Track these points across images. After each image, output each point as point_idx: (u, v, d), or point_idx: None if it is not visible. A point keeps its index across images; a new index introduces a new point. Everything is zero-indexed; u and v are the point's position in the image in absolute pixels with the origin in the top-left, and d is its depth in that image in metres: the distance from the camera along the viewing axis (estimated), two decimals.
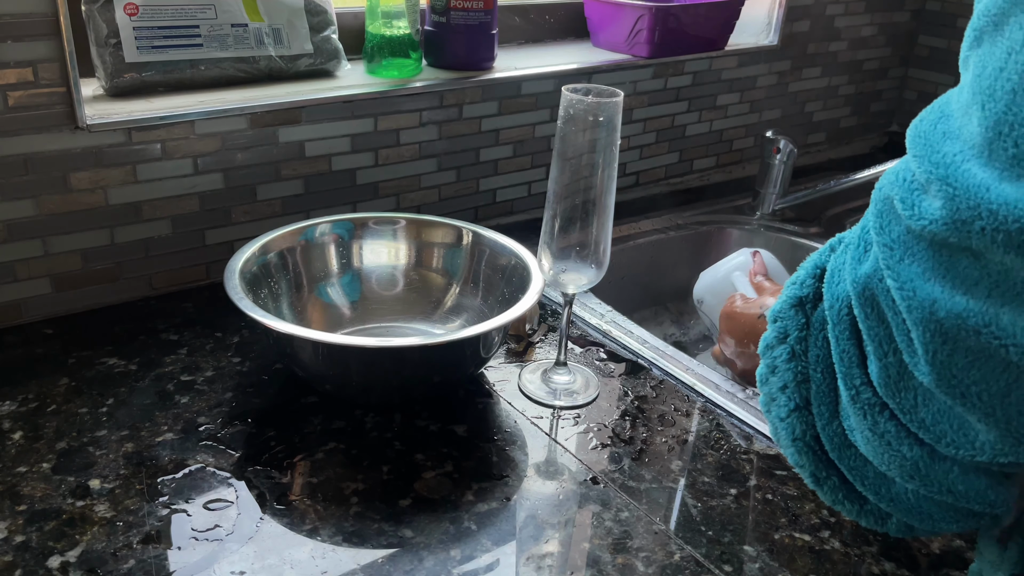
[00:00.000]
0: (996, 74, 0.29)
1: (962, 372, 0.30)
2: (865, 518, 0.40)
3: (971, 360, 0.30)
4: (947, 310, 0.30)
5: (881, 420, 0.35)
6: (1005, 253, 0.28)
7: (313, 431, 0.69)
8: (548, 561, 0.58)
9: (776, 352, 0.40)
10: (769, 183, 1.21)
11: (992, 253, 0.28)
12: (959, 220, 0.28)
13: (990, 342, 0.29)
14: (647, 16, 1.11)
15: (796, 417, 0.39)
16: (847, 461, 0.38)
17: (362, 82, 0.97)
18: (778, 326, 0.40)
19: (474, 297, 0.85)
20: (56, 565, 0.55)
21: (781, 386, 0.40)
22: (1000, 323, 0.28)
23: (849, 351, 0.36)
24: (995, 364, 0.29)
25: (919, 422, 0.33)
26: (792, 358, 0.39)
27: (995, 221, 0.27)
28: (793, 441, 0.40)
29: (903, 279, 0.31)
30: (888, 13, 1.46)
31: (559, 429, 0.72)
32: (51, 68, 0.76)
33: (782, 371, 0.40)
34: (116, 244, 0.85)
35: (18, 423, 0.68)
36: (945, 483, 0.34)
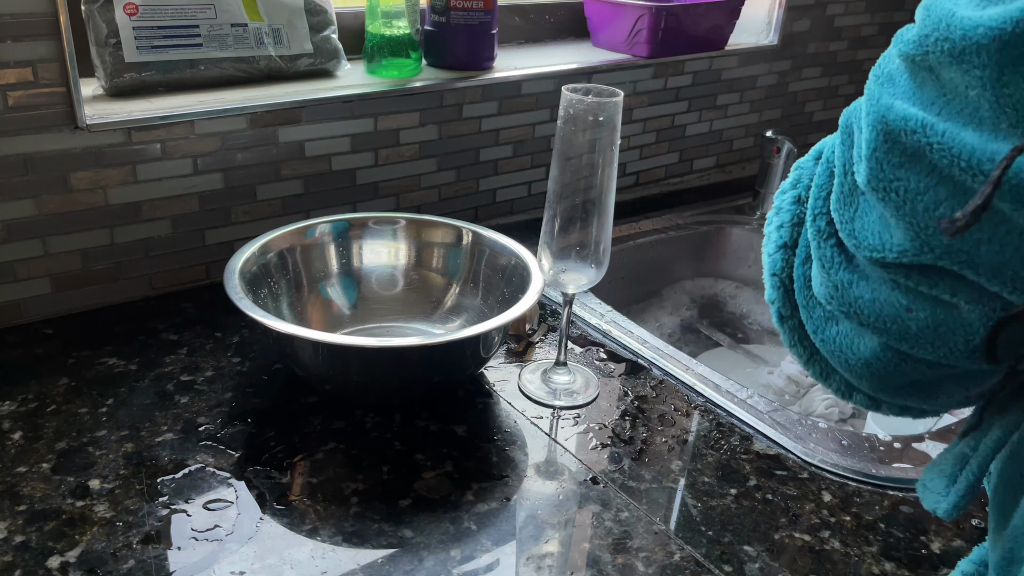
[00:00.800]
0: None
1: (894, 168, 0.34)
2: (812, 367, 0.43)
3: (902, 160, 0.34)
4: (897, 114, 0.34)
5: (825, 246, 0.39)
6: (950, 65, 0.31)
7: (313, 431, 0.69)
8: (548, 561, 0.58)
9: (785, 195, 0.44)
10: (769, 183, 1.21)
11: (943, 69, 0.32)
12: (922, 35, 0.33)
13: (919, 141, 0.33)
14: (647, 16, 1.11)
15: (780, 254, 0.43)
16: (804, 299, 0.42)
17: (362, 82, 0.97)
18: (795, 173, 0.44)
19: (474, 297, 0.85)
20: (56, 565, 0.55)
21: (778, 224, 0.43)
22: (936, 129, 0.32)
23: (823, 184, 0.40)
24: (922, 165, 0.33)
25: (850, 231, 0.37)
26: (796, 202, 0.43)
27: (947, 32, 0.31)
28: (772, 275, 0.43)
29: (875, 95, 0.35)
30: (888, 13, 1.46)
31: (559, 429, 0.72)
32: (51, 68, 0.76)
33: (784, 211, 0.43)
34: (116, 244, 0.85)
35: (18, 423, 0.68)
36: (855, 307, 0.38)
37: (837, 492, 0.66)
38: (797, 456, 0.70)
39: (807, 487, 0.67)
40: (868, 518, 0.64)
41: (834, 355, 0.42)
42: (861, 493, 0.66)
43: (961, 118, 0.32)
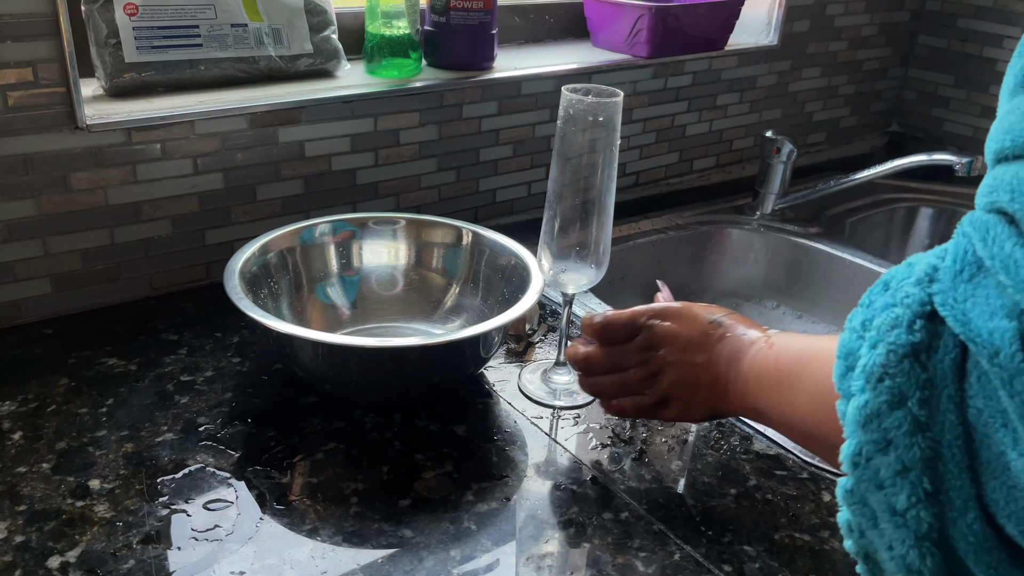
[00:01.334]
0: None
1: None
2: None
3: None
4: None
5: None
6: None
7: (313, 431, 0.69)
8: (548, 561, 0.58)
9: (888, 423, 0.30)
10: (769, 183, 1.21)
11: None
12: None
13: None
14: (647, 16, 1.11)
15: (923, 508, 0.30)
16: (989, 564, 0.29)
17: (362, 82, 0.97)
18: (887, 385, 0.30)
19: (474, 297, 0.85)
20: (56, 565, 0.55)
21: (899, 469, 0.30)
22: None
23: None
24: None
25: None
26: (917, 429, 0.30)
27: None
28: (918, 540, 0.30)
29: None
30: (888, 13, 1.46)
31: (559, 429, 0.72)
32: (51, 68, 0.76)
33: (901, 448, 0.30)
34: (116, 244, 0.85)
35: (18, 423, 0.68)
36: None
37: None
38: (797, 456, 0.70)
39: (807, 487, 0.67)
40: None
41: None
42: None
43: None
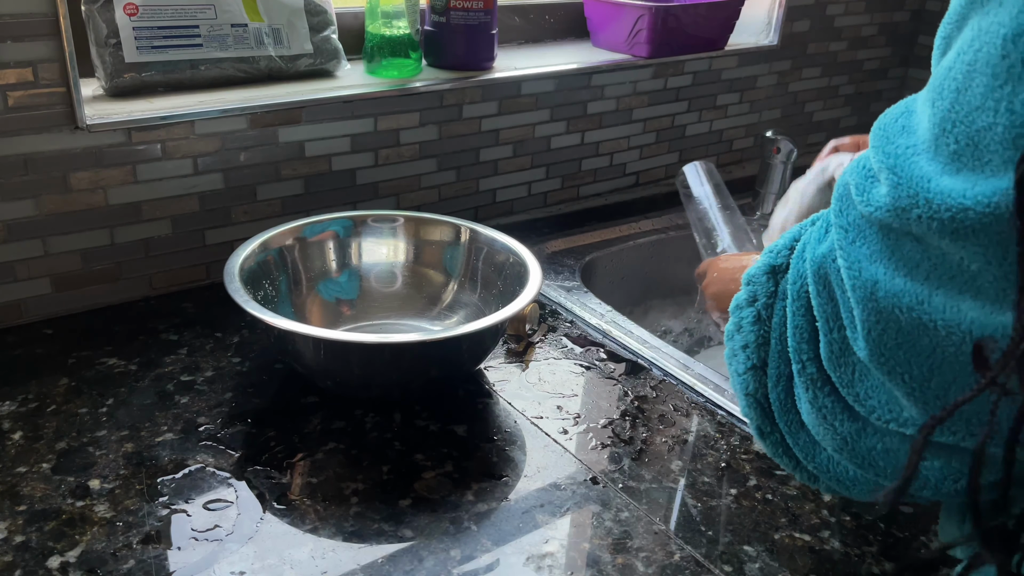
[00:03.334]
0: (945, 74, 0.31)
1: (892, 350, 0.32)
2: (799, 474, 0.43)
3: (901, 340, 0.32)
4: (886, 290, 0.32)
5: (821, 395, 0.37)
6: (940, 239, 0.29)
7: (313, 431, 0.69)
8: (548, 561, 0.58)
9: (744, 313, 0.42)
10: (769, 183, 1.20)
11: (931, 238, 0.30)
12: (900, 207, 0.31)
13: (920, 319, 0.31)
14: (647, 16, 1.11)
15: (751, 375, 0.42)
16: (787, 423, 0.41)
17: (362, 82, 0.97)
18: (749, 289, 0.43)
19: (472, 294, 0.86)
20: (56, 565, 0.55)
21: (743, 344, 0.42)
22: (932, 302, 0.30)
23: (801, 326, 0.38)
24: (923, 345, 0.31)
25: (855, 395, 0.36)
26: (756, 321, 0.42)
27: (930, 210, 0.29)
28: (746, 395, 0.43)
29: (852, 260, 0.33)
30: (888, 13, 1.46)
31: (559, 429, 0.72)
32: (51, 68, 0.76)
33: (746, 331, 0.42)
34: (116, 244, 0.85)
35: (18, 423, 0.68)
36: (868, 458, 0.36)
37: None
38: None
39: (807, 487, 0.67)
40: (868, 518, 0.64)
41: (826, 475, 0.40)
42: None
43: (955, 284, 0.30)
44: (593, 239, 1.10)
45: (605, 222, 1.15)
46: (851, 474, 0.39)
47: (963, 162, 0.29)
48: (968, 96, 0.29)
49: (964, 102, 0.29)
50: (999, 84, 0.28)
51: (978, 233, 0.28)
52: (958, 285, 0.30)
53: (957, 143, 0.29)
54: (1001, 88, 0.28)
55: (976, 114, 0.29)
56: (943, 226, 0.29)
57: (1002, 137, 0.28)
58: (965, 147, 0.29)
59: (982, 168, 0.28)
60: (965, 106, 0.29)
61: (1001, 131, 0.28)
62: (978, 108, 0.29)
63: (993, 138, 0.28)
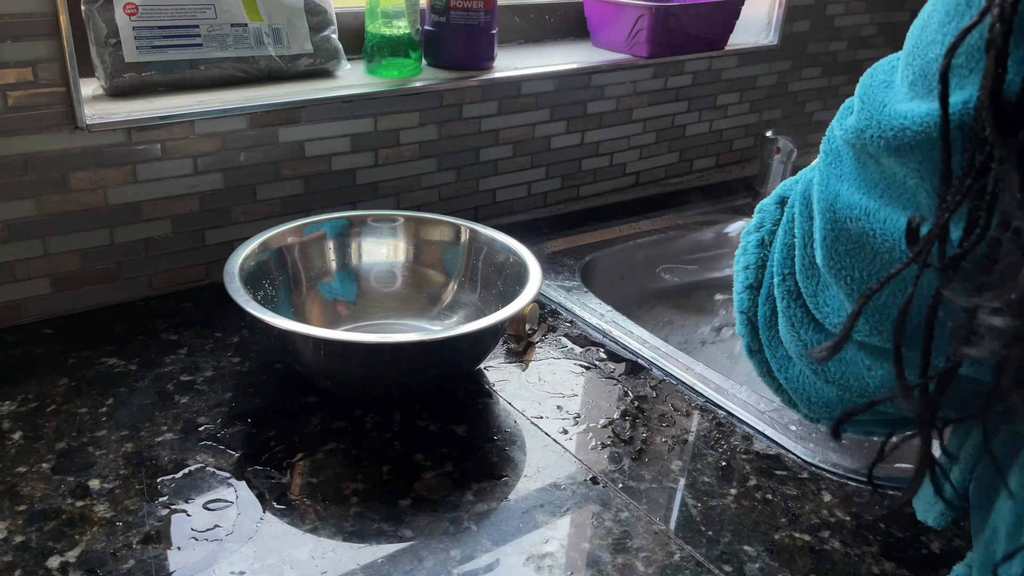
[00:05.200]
0: (920, 15, 0.34)
1: (840, 257, 0.36)
2: (780, 395, 0.46)
3: (849, 247, 0.36)
4: (843, 203, 0.36)
5: (794, 305, 0.41)
6: (888, 157, 0.33)
7: (313, 431, 0.69)
8: (548, 561, 0.58)
9: (750, 237, 0.46)
10: (769, 183, 1.21)
11: (882, 158, 0.34)
12: (859, 128, 0.34)
13: (864, 227, 0.35)
14: (647, 16, 1.11)
15: (747, 294, 0.45)
16: (768, 339, 0.44)
17: (362, 82, 0.97)
18: (759, 216, 0.46)
19: (472, 294, 0.86)
20: (56, 565, 0.55)
21: (744, 266, 0.46)
22: (878, 215, 0.34)
23: (788, 244, 0.42)
24: (866, 253, 0.35)
25: (816, 304, 0.40)
26: (760, 245, 0.45)
27: (879, 130, 0.33)
28: (740, 313, 0.46)
29: (824, 178, 0.37)
30: (888, 13, 1.46)
31: (559, 429, 0.72)
32: (51, 68, 0.76)
33: (749, 253, 0.45)
34: (116, 244, 0.85)
35: (18, 423, 0.68)
36: (823, 365, 0.40)
37: (837, 492, 0.66)
38: (797, 456, 0.70)
39: (807, 487, 0.67)
40: (868, 518, 0.64)
41: (796, 393, 0.44)
42: (861, 493, 0.66)
43: (901, 202, 0.34)
44: (593, 239, 1.10)
45: (605, 222, 1.15)
46: (816, 389, 0.42)
47: (916, 91, 0.32)
48: (926, 32, 0.32)
49: (922, 37, 0.33)
50: (948, 20, 0.31)
51: (914, 149, 0.32)
52: (902, 202, 0.34)
53: (914, 74, 0.33)
54: (949, 23, 0.31)
55: (928, 47, 0.32)
56: (888, 144, 0.32)
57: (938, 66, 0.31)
58: (919, 77, 0.32)
59: (928, 94, 0.32)
60: (923, 41, 0.32)
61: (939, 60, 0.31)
62: (931, 42, 0.32)
63: (937, 68, 0.31)
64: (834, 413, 0.43)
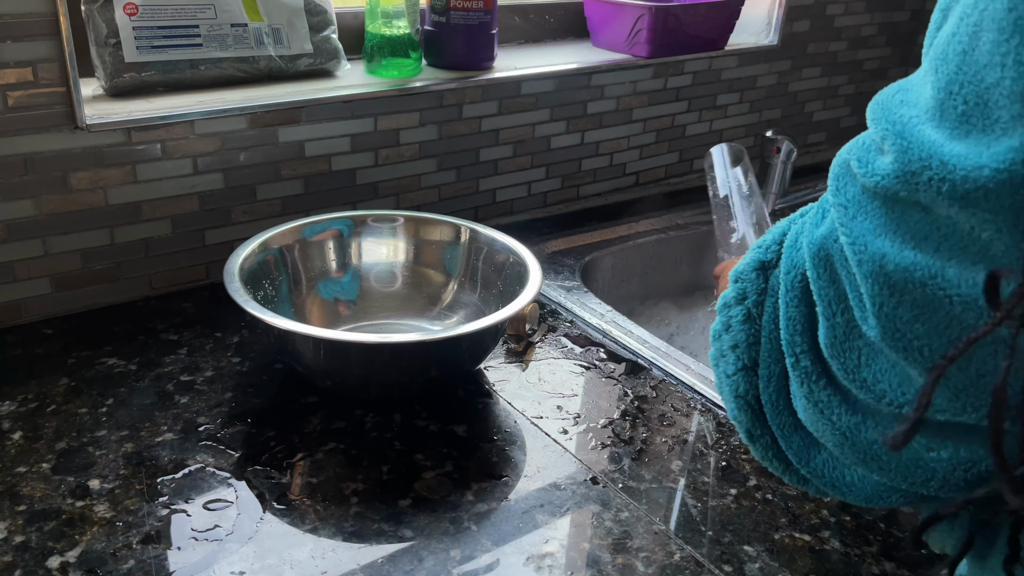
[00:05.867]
0: (948, 39, 0.30)
1: (907, 325, 0.31)
2: (789, 477, 0.42)
3: (916, 313, 0.31)
4: (895, 263, 0.31)
5: (816, 388, 0.36)
6: (950, 206, 0.29)
7: (313, 431, 0.69)
8: (548, 561, 0.58)
9: (732, 311, 0.42)
10: (769, 183, 1.21)
11: (939, 207, 0.29)
12: (909, 172, 0.30)
13: (935, 293, 0.30)
14: (647, 16, 1.11)
15: (742, 376, 0.41)
16: (779, 425, 0.40)
17: (362, 82, 0.97)
18: (738, 287, 0.42)
19: (472, 294, 0.86)
20: (56, 565, 0.55)
21: (732, 345, 0.41)
22: (946, 275, 0.30)
23: (795, 317, 0.38)
24: (939, 318, 0.30)
25: (860, 382, 0.34)
26: (747, 320, 0.41)
27: (943, 171, 0.28)
28: (735, 398, 0.42)
29: (855, 235, 0.32)
30: (888, 13, 1.46)
31: (559, 429, 0.72)
32: (51, 68, 0.76)
33: (735, 331, 0.41)
34: (116, 244, 0.85)
35: (18, 423, 0.68)
36: (870, 452, 0.35)
37: None
38: None
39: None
40: (868, 518, 0.64)
41: (827, 483, 0.40)
42: None
43: (967, 256, 0.29)
44: (593, 239, 1.10)
45: (605, 222, 1.15)
46: (848, 477, 0.38)
47: (972, 123, 0.28)
48: (975, 56, 0.29)
49: (971, 62, 0.29)
50: (1005, 38, 0.27)
51: (990, 196, 0.27)
52: (971, 256, 0.29)
53: (966, 103, 0.29)
54: (1008, 41, 0.27)
55: (984, 71, 0.28)
56: (954, 189, 0.28)
57: (1010, 91, 0.27)
58: (974, 107, 0.28)
59: (992, 127, 0.28)
60: (972, 65, 0.29)
61: (1009, 84, 0.27)
62: (986, 65, 0.28)
63: (1002, 93, 0.27)
64: (877, 500, 0.38)
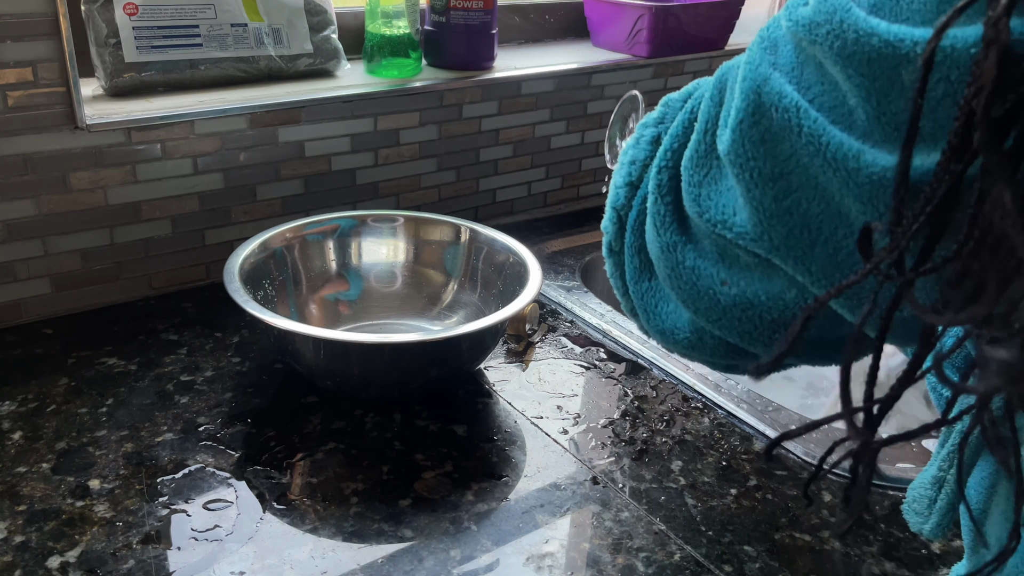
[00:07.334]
0: None
1: (755, 145, 0.33)
2: (625, 303, 0.45)
3: (765, 135, 0.32)
4: (772, 87, 0.32)
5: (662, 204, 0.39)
6: (834, 64, 0.29)
7: (313, 431, 0.69)
8: (548, 561, 0.58)
9: (647, 131, 0.43)
10: None
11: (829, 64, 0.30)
12: (815, 22, 0.30)
13: (790, 120, 0.31)
14: (647, 16, 1.11)
15: (625, 190, 0.42)
16: (631, 243, 0.42)
17: (362, 82, 0.97)
18: (661, 109, 0.43)
19: (472, 294, 0.86)
20: (56, 565, 0.55)
21: (631, 160, 0.43)
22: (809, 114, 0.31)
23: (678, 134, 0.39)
24: (784, 147, 0.32)
25: (695, 195, 0.36)
26: (654, 142, 0.42)
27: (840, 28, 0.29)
28: (612, 208, 0.43)
29: (755, 59, 0.33)
30: None
31: (559, 429, 0.72)
32: (51, 68, 0.76)
33: (641, 147, 0.42)
34: (116, 244, 0.85)
35: (18, 423, 0.68)
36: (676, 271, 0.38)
37: (837, 492, 0.66)
38: (797, 456, 0.70)
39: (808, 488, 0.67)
40: (868, 518, 0.64)
41: (641, 308, 0.42)
42: None
43: (832, 114, 0.30)
44: (593, 239, 1.10)
45: None
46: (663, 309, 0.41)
47: (881, 8, 0.29)
48: None
49: None
50: None
51: (872, 63, 0.28)
52: (834, 115, 0.30)
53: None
54: None
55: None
56: (844, 47, 0.29)
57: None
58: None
59: (897, 16, 0.28)
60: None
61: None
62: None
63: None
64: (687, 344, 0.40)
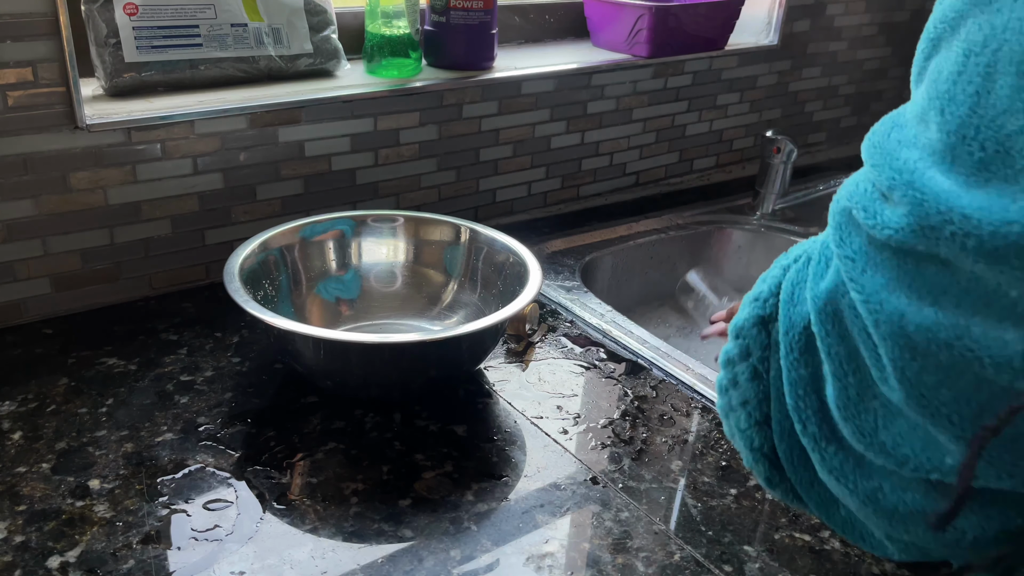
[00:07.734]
0: (955, 77, 0.28)
1: (933, 391, 0.29)
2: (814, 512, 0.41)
3: (942, 377, 0.28)
4: (916, 323, 0.28)
5: (827, 455, 0.35)
6: (975, 261, 0.27)
7: (313, 431, 0.69)
8: (548, 561, 0.58)
9: (738, 368, 0.40)
10: (769, 183, 1.21)
11: (961, 261, 0.27)
12: (928, 227, 0.28)
13: (963, 355, 0.27)
14: (647, 16, 1.11)
15: (756, 431, 0.40)
16: (798, 480, 0.39)
17: (362, 82, 0.97)
18: (740, 343, 0.40)
19: (472, 294, 0.86)
20: (56, 565, 0.55)
21: (742, 401, 0.40)
22: (971, 334, 0.27)
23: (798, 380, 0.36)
24: (968, 380, 0.28)
25: (878, 446, 0.32)
26: (754, 377, 0.39)
27: (967, 226, 0.26)
28: (751, 451, 0.41)
29: (868, 291, 0.30)
30: (888, 13, 1.46)
31: (559, 429, 0.72)
32: (51, 68, 0.76)
33: (744, 387, 0.40)
34: (116, 244, 0.85)
35: (18, 423, 0.68)
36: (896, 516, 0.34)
37: None
38: None
39: None
40: None
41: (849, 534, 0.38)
42: None
43: (993, 312, 0.27)
44: (593, 239, 1.10)
45: (605, 222, 1.15)
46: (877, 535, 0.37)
47: (992, 171, 0.26)
48: (991, 100, 0.27)
49: (987, 106, 0.27)
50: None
51: (1022, 254, 0.26)
52: (996, 313, 0.27)
53: (983, 150, 0.27)
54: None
55: (1003, 118, 0.26)
56: (981, 245, 0.26)
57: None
58: (994, 155, 0.27)
59: (1016, 177, 0.26)
60: (989, 110, 0.27)
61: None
62: (1005, 111, 0.26)
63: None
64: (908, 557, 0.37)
